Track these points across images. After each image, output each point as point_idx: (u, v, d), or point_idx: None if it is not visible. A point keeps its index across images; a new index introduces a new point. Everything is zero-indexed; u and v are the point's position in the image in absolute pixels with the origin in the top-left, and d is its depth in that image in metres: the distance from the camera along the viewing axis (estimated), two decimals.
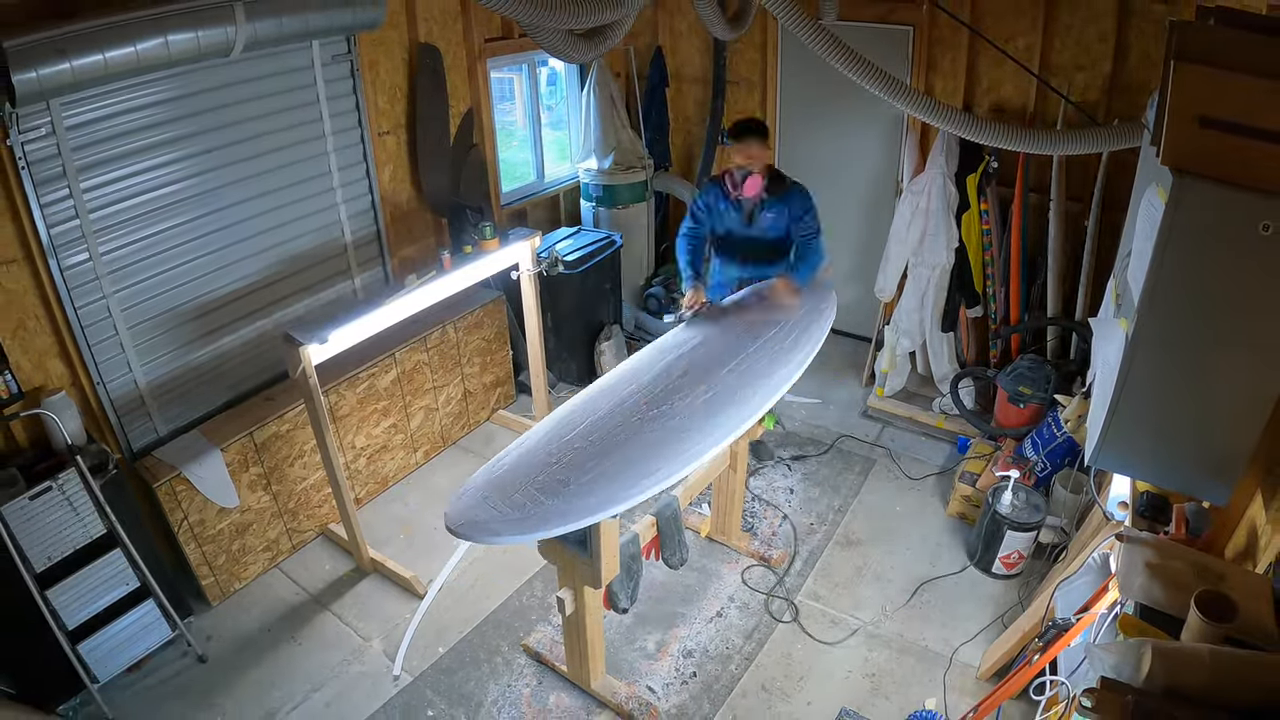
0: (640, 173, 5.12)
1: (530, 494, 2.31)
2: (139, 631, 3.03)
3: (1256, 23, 1.70)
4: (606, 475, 2.38)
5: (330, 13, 3.20)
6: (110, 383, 3.20)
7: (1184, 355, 1.65)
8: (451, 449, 4.42)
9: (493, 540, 2.27)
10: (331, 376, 3.62)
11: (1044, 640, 2.28)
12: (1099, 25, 3.77)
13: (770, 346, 3.04)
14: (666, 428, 2.58)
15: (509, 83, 5.42)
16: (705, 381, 2.82)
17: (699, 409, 2.67)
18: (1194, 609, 1.49)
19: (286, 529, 3.65)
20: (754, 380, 2.83)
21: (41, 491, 2.69)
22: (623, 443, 2.51)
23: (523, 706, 2.96)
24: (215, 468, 3.25)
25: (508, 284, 4.18)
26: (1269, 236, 1.45)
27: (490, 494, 2.33)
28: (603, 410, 2.68)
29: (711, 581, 3.50)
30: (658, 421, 2.61)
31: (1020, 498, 3.35)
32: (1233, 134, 1.46)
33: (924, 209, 4.12)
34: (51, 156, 2.83)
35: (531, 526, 2.22)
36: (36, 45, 2.46)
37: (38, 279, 2.90)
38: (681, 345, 3.09)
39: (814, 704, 2.94)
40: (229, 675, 3.11)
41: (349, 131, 3.82)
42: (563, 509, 2.25)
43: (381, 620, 3.33)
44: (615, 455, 2.46)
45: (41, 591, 2.71)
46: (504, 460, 2.49)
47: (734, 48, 4.98)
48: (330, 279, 3.97)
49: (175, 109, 3.13)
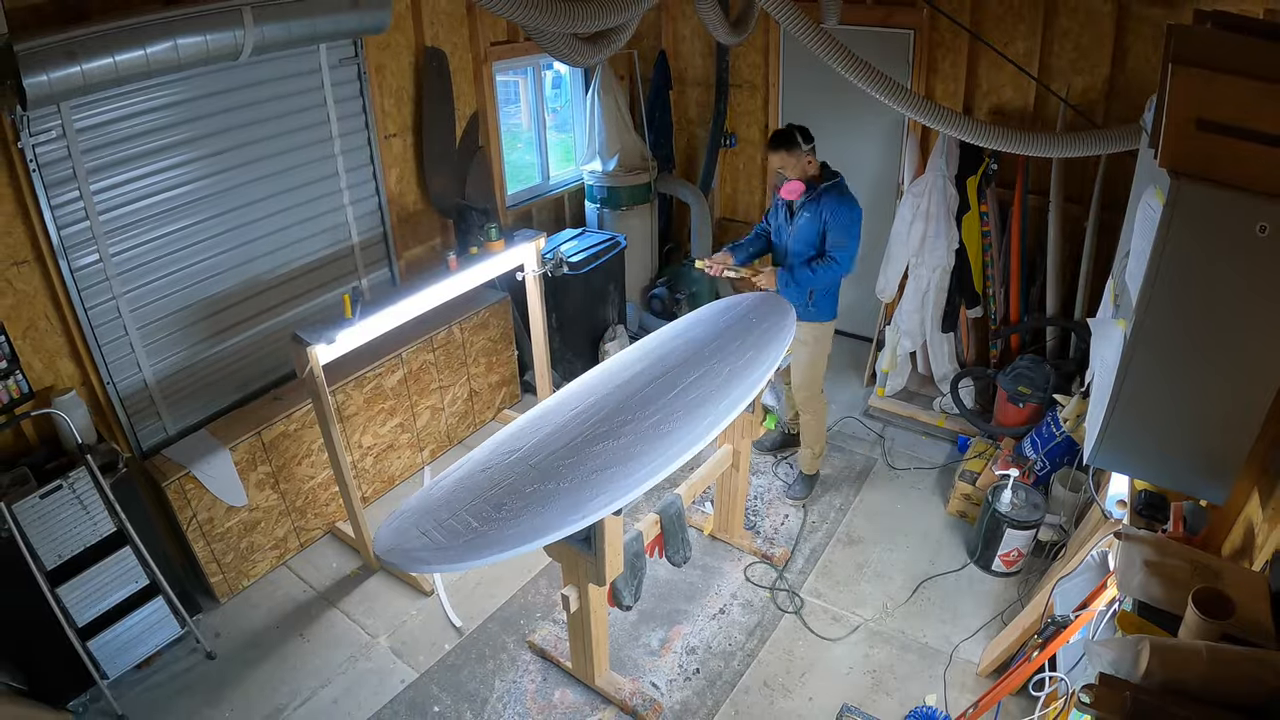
0: (644, 175, 5.15)
1: (464, 520, 2.25)
2: (148, 628, 3.06)
3: (1253, 27, 1.72)
4: (543, 500, 2.30)
5: (337, 17, 3.22)
6: (120, 382, 3.23)
7: (1181, 355, 1.65)
8: (457, 448, 4.45)
9: (424, 569, 2.23)
10: (339, 376, 3.65)
11: (1043, 637, 2.29)
12: (1097, 29, 3.80)
13: (722, 368, 2.89)
14: (612, 450, 2.49)
15: (514, 86, 5.47)
16: (654, 403, 2.69)
17: (646, 431, 2.56)
18: (1191, 606, 1.49)
19: (294, 527, 3.67)
20: (706, 402, 2.71)
21: (52, 490, 2.72)
22: (567, 466, 2.43)
23: (528, 702, 2.99)
24: (224, 466, 3.27)
25: (513, 285, 4.21)
26: (1265, 237, 1.45)
27: (422, 519, 2.27)
28: (546, 431, 2.60)
29: (714, 579, 3.52)
30: (603, 443, 2.52)
31: (1020, 496, 3.38)
32: (1230, 136, 1.47)
33: (925, 211, 4.14)
34: (62, 159, 2.86)
35: (461, 555, 2.16)
36: (47, 48, 2.48)
37: (48, 280, 2.92)
38: (633, 365, 2.95)
39: (815, 700, 2.97)
40: (237, 672, 3.14)
41: (356, 134, 3.84)
42: (496, 537, 2.18)
43: (388, 617, 3.36)
44: (556, 480, 2.38)
45: (52, 589, 2.74)
46: (440, 484, 2.44)
47: (737, 51, 5.02)
48: (338, 280, 3.99)
49: (184, 112, 3.16)
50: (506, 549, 2.16)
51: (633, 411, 2.67)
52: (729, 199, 5.61)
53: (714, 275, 3.53)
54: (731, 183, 5.55)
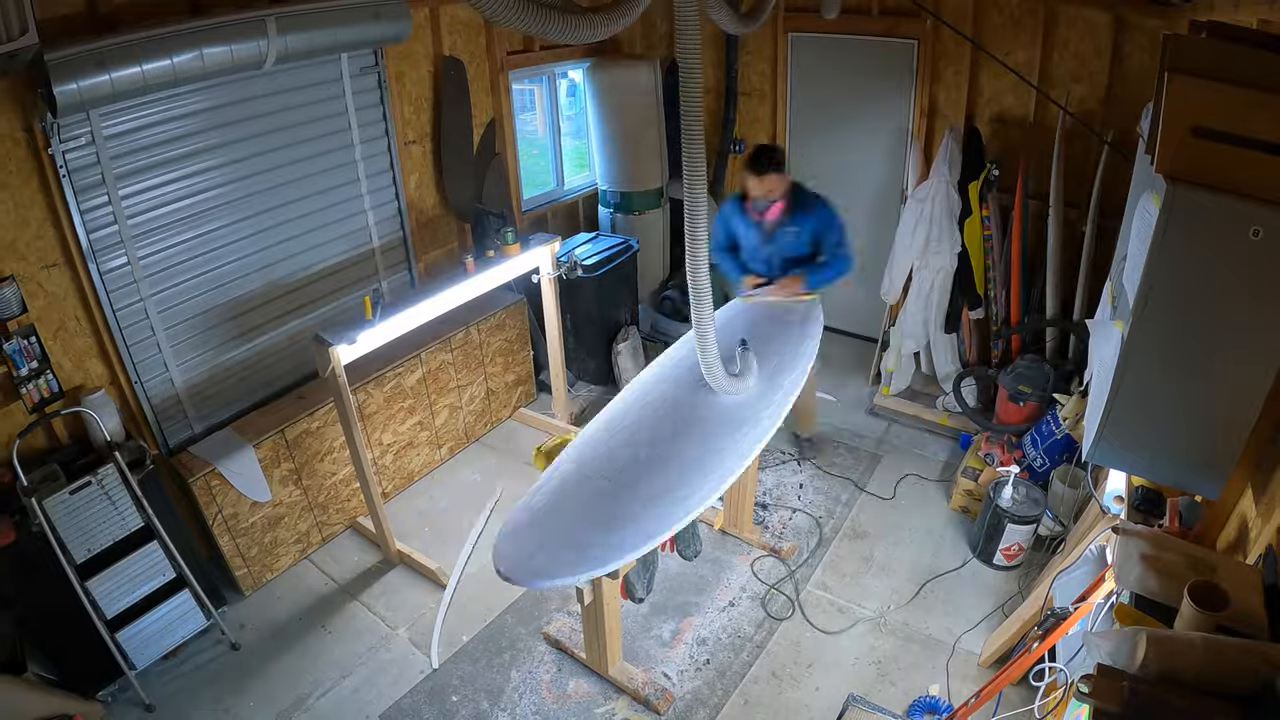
0: (656, 180, 5.22)
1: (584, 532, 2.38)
2: (175, 620, 3.12)
3: (1247, 36, 1.75)
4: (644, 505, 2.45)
5: (358, 27, 3.30)
6: (147, 382, 3.29)
7: (1177, 355, 1.66)
8: (475, 445, 4.52)
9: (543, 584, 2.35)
10: (360, 376, 3.71)
11: (1043, 629, 2.32)
12: (1096, 39, 3.86)
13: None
14: (690, 455, 2.67)
15: (530, 94, 5.49)
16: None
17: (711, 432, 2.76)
18: (1187, 599, 1.49)
19: (316, 522, 3.74)
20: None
21: (81, 486, 2.78)
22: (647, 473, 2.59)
23: (543, 692, 3.05)
24: (248, 463, 3.33)
25: (529, 287, 4.27)
26: (1258, 241, 1.46)
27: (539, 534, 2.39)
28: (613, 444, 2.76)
29: (724, 573, 3.59)
30: (679, 449, 2.70)
31: (1020, 492, 3.44)
32: (1224, 143, 1.48)
33: (928, 215, 4.19)
34: (91, 164, 2.92)
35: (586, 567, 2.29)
36: (77, 58, 2.55)
37: (78, 282, 2.99)
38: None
39: (822, 690, 3.02)
40: (261, 662, 3.20)
41: (376, 141, 3.91)
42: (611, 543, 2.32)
43: (408, 610, 3.43)
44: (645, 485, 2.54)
45: (82, 582, 2.80)
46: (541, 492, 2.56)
47: (745, 60, 5.08)
48: (359, 282, 4.06)
49: (210, 119, 3.22)
50: (610, 561, 2.30)
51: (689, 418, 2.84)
52: None
53: (756, 300, 3.61)
54: (740, 188, 5.60)
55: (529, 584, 2.31)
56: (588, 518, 2.45)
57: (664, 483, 2.55)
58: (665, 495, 2.50)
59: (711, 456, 2.67)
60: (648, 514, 2.43)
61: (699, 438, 2.75)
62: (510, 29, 4.33)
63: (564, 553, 2.32)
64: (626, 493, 2.52)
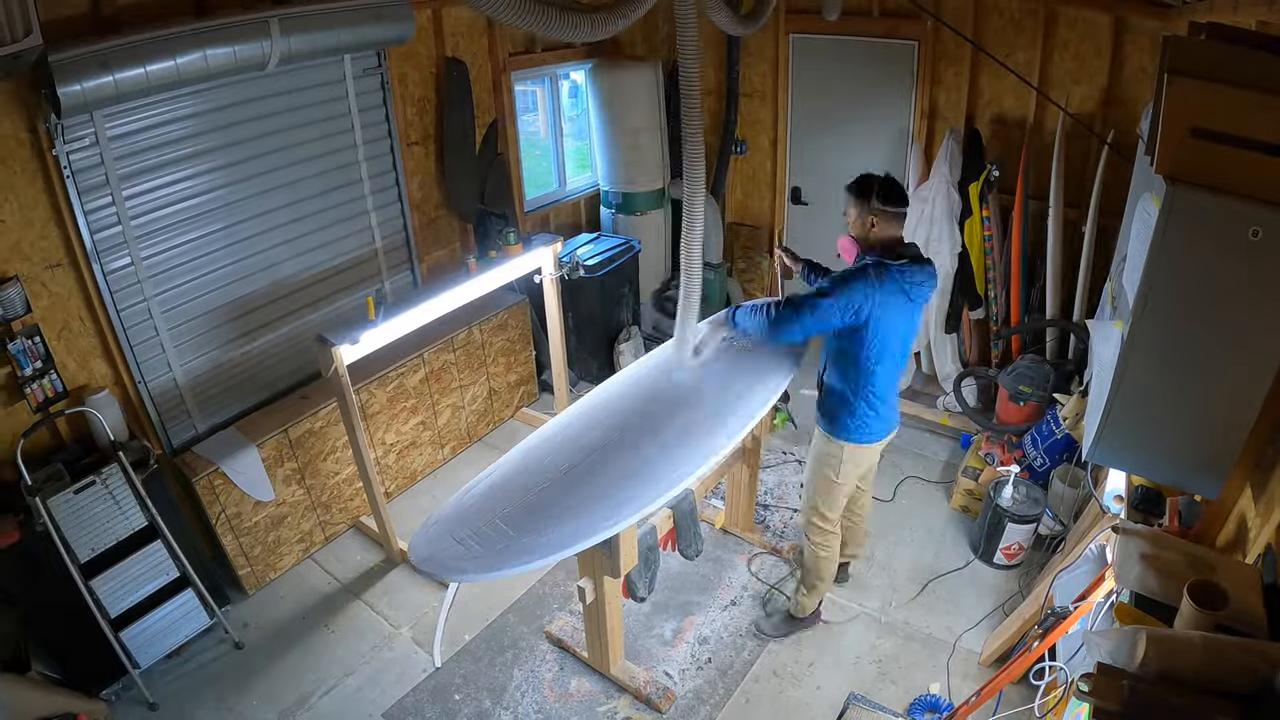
0: (658, 181, 5.24)
1: (499, 528, 2.32)
2: (178, 619, 3.13)
3: (1246, 38, 1.77)
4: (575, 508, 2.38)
5: (361, 28, 3.30)
6: (151, 381, 3.30)
7: (1177, 355, 1.67)
8: (477, 445, 4.53)
9: (461, 577, 2.30)
10: (363, 376, 3.72)
11: (1043, 628, 2.33)
12: (1095, 41, 3.87)
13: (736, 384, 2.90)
14: (636, 458, 2.57)
15: (532, 95, 5.50)
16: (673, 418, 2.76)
17: (670, 440, 2.62)
18: (1187, 598, 1.49)
19: (319, 521, 3.75)
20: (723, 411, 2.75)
21: (85, 485, 2.79)
22: (592, 475, 2.52)
23: (545, 690, 3.06)
24: (251, 463, 3.34)
25: (531, 287, 4.27)
26: (1257, 241, 1.47)
27: (458, 527, 2.34)
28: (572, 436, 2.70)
29: (725, 571, 3.60)
30: (628, 452, 2.60)
31: (1021, 492, 3.45)
32: (1223, 144, 1.49)
33: (928, 216, 4.22)
34: (95, 165, 2.92)
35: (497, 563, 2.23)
36: (81, 59, 2.56)
37: (82, 282, 3.00)
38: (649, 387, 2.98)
39: (823, 688, 3.03)
40: (265, 661, 3.21)
41: (379, 142, 3.92)
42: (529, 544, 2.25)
43: (411, 609, 3.44)
44: (583, 489, 2.47)
45: (86, 581, 2.81)
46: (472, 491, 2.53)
47: (746, 61, 5.09)
48: (362, 282, 4.07)
49: (213, 120, 3.23)
50: (539, 557, 2.24)
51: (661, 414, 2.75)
52: (739, 204, 5.68)
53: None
54: (742, 189, 5.62)
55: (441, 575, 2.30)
56: (513, 515, 2.41)
57: (601, 489, 2.49)
58: (602, 499, 2.44)
59: (653, 466, 2.54)
60: (577, 517, 2.38)
61: (655, 446, 2.64)
62: (512, 29, 4.37)
63: (474, 546, 2.29)
64: (563, 493, 2.48)
